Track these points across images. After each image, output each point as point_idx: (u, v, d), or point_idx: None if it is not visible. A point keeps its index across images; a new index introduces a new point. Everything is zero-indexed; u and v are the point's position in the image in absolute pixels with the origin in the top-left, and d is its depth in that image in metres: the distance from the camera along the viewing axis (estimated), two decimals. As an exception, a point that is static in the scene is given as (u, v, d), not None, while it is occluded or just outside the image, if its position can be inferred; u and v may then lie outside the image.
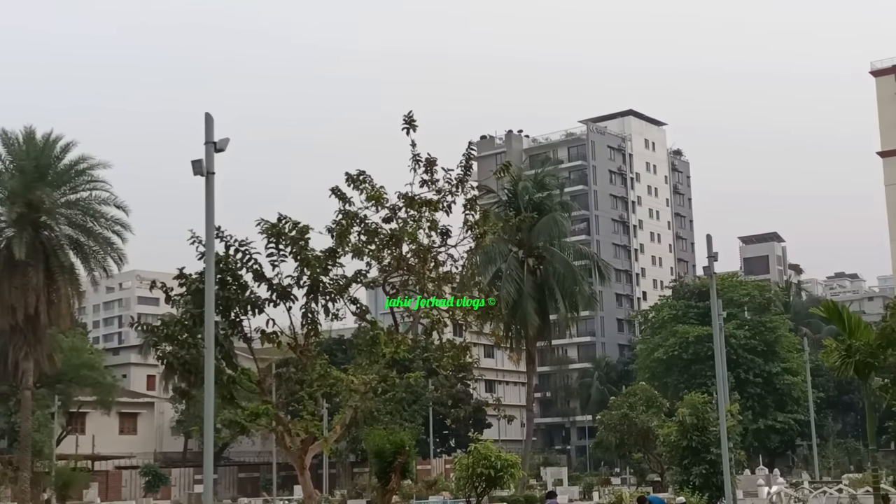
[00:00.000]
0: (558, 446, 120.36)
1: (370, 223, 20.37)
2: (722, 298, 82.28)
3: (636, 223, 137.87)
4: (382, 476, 21.72)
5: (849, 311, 25.11)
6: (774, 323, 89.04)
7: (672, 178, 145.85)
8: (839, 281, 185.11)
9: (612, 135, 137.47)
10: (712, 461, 38.01)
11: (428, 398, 71.16)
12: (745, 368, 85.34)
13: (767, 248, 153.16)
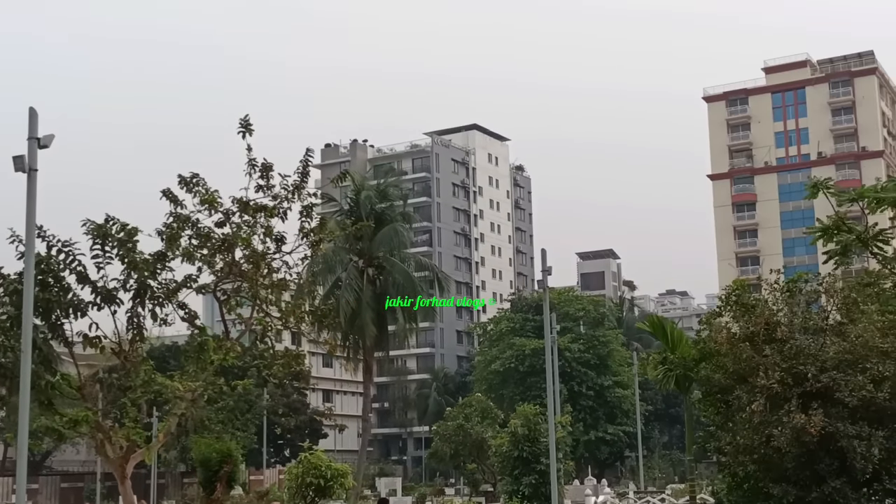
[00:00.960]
0: (395, 457, 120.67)
1: (202, 227, 19.98)
2: (558, 312, 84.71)
3: (478, 236, 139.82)
4: (208, 485, 21.30)
5: (672, 326, 26.12)
6: (607, 337, 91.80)
7: (514, 192, 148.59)
8: (670, 298, 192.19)
9: (457, 148, 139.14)
10: (542, 471, 38.86)
11: (262, 407, 70.23)
12: (578, 381, 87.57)
13: (603, 264, 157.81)
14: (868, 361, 17.16)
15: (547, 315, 38.43)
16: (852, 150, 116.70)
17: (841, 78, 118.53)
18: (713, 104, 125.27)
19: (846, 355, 17.32)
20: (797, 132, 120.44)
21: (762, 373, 17.64)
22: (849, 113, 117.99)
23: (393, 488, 62.04)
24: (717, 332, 19.79)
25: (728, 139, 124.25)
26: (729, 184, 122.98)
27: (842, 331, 18.14)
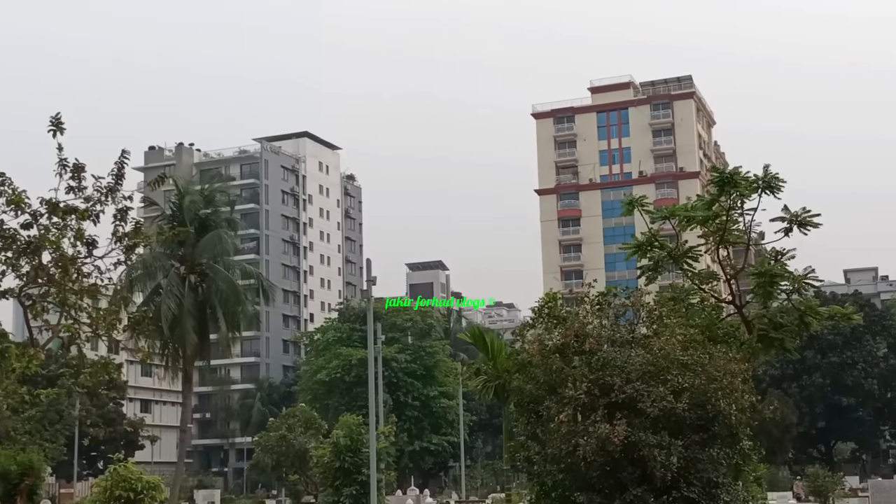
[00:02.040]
0: (216, 468, 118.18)
1: (7, 229, 19.16)
2: (385, 323, 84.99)
3: (307, 245, 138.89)
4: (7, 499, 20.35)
5: (493, 337, 26.62)
6: (434, 348, 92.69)
7: (344, 202, 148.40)
8: (497, 310, 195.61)
9: (287, 155, 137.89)
10: (363, 482, 38.83)
11: (73, 417, 67.56)
12: (404, 391, 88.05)
13: (432, 275, 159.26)
14: (669, 373, 17.96)
15: (371, 325, 38.56)
16: (671, 170, 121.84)
17: (661, 100, 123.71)
18: (541, 121, 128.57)
19: (650, 367, 18.09)
20: (620, 151, 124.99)
21: (571, 384, 18.23)
22: (668, 134, 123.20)
23: (212, 501, 60.79)
24: (530, 343, 20.35)
25: (555, 155, 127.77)
26: (555, 199, 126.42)
27: (647, 343, 18.97)
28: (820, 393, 75.80)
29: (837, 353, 76.66)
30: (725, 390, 17.81)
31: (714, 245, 23.72)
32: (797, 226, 22.61)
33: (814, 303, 24.25)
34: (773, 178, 22.52)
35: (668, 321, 20.20)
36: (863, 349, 77.68)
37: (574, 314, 20.35)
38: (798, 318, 23.61)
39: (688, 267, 24.03)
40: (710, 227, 23.55)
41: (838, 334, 75.49)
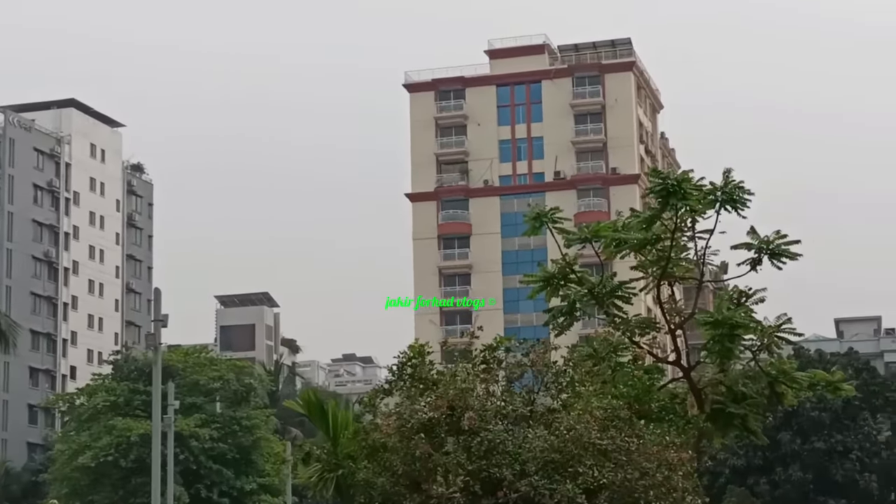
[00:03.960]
0: None
1: None
2: (182, 382, 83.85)
3: (69, 265, 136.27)
4: None
5: (335, 406, 26.45)
6: (254, 420, 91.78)
7: (127, 203, 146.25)
8: (349, 365, 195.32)
9: (44, 132, 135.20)
10: None
11: None
12: (208, 483, 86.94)
13: (255, 313, 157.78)
14: (581, 464, 18.10)
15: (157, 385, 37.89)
16: (599, 172, 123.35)
17: (588, 73, 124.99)
18: (418, 95, 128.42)
19: (554, 454, 18.18)
20: (529, 142, 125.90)
21: (441, 477, 18.19)
22: (597, 121, 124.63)
23: None
24: (385, 417, 20.25)
25: (436, 145, 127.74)
26: (435, 207, 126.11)
27: (551, 421, 19.03)
28: (799, 491, 77.62)
29: (824, 436, 78.65)
30: (660, 489, 18.06)
31: (654, 280, 23.99)
32: (768, 256, 23.05)
33: (790, 365, 24.74)
34: (736, 188, 22.90)
35: (583, 389, 20.34)
36: (858, 431, 79.84)
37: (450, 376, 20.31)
38: (768, 386, 24.05)
39: (616, 311, 24.25)
40: (648, 254, 23.82)
41: (825, 410, 77.37)
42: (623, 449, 18.13)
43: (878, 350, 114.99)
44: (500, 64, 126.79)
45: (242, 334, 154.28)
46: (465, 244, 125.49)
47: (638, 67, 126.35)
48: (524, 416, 19.01)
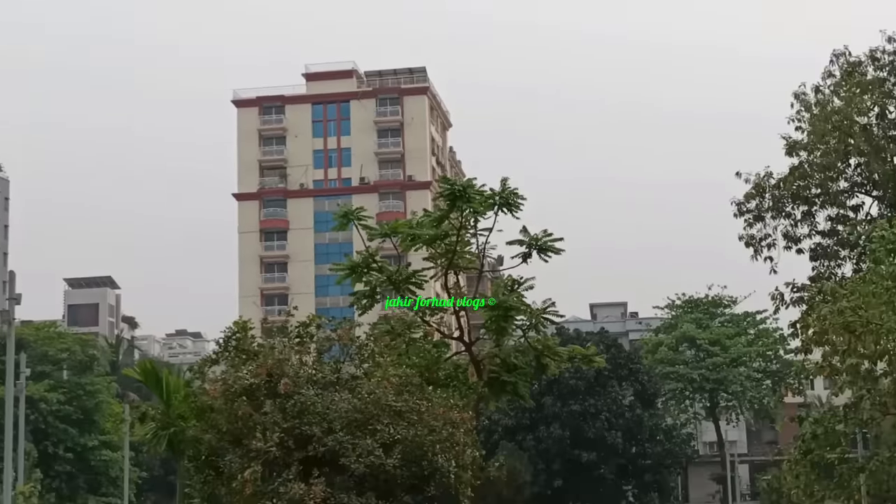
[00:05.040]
0: None
1: None
2: (34, 353, 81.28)
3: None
4: None
5: (168, 374, 26.03)
6: (97, 386, 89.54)
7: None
8: (181, 339, 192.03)
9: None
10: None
11: None
12: (54, 440, 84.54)
13: (98, 294, 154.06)
14: (379, 422, 18.15)
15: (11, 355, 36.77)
16: (398, 178, 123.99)
17: (389, 95, 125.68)
18: (245, 110, 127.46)
19: (357, 415, 18.20)
20: (339, 152, 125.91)
21: (260, 433, 18.05)
22: (396, 135, 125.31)
23: None
24: (212, 383, 20.01)
25: (260, 153, 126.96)
26: (258, 206, 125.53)
27: (355, 386, 19.07)
28: (559, 446, 78.91)
29: (579, 400, 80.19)
30: (445, 443, 18.20)
31: (442, 270, 24.21)
32: (537, 251, 23.47)
33: (553, 342, 25.24)
34: (511, 193, 23.27)
35: (382, 359, 20.41)
36: (607, 396, 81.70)
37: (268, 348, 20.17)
38: (535, 358, 24.49)
39: (410, 295, 24.40)
40: (438, 248, 24.02)
41: (581, 379, 78.90)
42: (415, 410, 18.25)
43: (624, 330, 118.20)
44: (316, 85, 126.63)
45: (87, 312, 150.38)
46: (283, 238, 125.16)
47: (431, 91, 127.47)
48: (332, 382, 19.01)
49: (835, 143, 46.15)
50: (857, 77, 45.95)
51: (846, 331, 24.55)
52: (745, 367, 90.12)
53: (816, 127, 46.33)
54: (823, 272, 46.64)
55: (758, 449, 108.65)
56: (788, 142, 47.06)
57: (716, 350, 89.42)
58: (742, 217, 47.68)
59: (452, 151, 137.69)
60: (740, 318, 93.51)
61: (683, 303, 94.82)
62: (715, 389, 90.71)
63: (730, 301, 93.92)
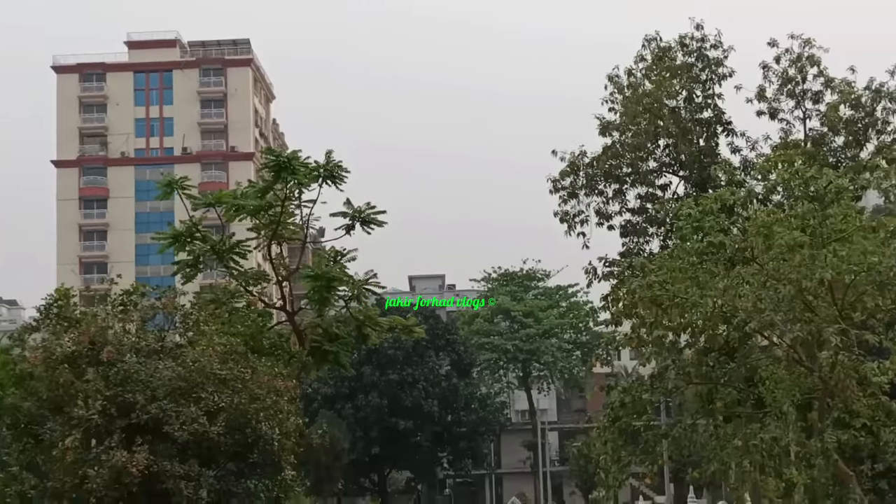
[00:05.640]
0: None
1: None
2: None
3: None
4: None
5: None
6: None
7: None
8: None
9: None
10: None
11: None
12: None
13: None
14: (204, 390, 17.98)
15: None
16: (221, 149, 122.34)
17: (213, 65, 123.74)
18: (65, 76, 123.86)
19: (181, 382, 17.99)
20: (161, 121, 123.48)
21: (82, 401, 17.68)
22: (220, 106, 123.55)
23: None
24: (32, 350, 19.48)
25: (80, 120, 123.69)
26: (77, 174, 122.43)
27: (179, 354, 18.84)
28: (377, 415, 79.30)
29: (398, 369, 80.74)
30: (269, 411, 18.17)
31: (266, 240, 24.11)
32: (360, 223, 23.58)
33: (374, 312, 25.42)
34: (336, 166, 23.30)
35: (207, 328, 20.24)
36: (425, 366, 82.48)
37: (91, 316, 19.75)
38: (356, 328, 24.65)
39: (234, 265, 24.24)
40: (262, 218, 23.91)
41: (399, 349, 79.46)
42: (239, 378, 18.15)
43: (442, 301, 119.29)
44: (138, 54, 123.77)
45: None
46: (104, 206, 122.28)
47: (255, 63, 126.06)
48: (156, 350, 18.74)
49: (645, 124, 47.41)
50: (666, 62, 47.25)
51: (653, 304, 25.35)
52: (556, 338, 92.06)
53: (628, 109, 47.50)
54: (633, 248, 47.96)
55: (567, 417, 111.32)
56: (602, 122, 48.11)
57: (529, 322, 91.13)
58: (557, 194, 48.64)
59: (276, 124, 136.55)
60: (553, 291, 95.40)
61: (499, 276, 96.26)
62: (528, 360, 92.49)
63: (543, 275, 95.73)
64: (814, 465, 24.18)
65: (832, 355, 22.37)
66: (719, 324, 24.89)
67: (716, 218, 25.48)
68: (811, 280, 22.85)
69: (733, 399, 25.79)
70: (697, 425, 27.05)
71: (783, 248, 23.06)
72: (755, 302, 23.27)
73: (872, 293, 23.60)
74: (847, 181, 25.28)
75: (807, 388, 24.33)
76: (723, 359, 25.64)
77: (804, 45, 44.03)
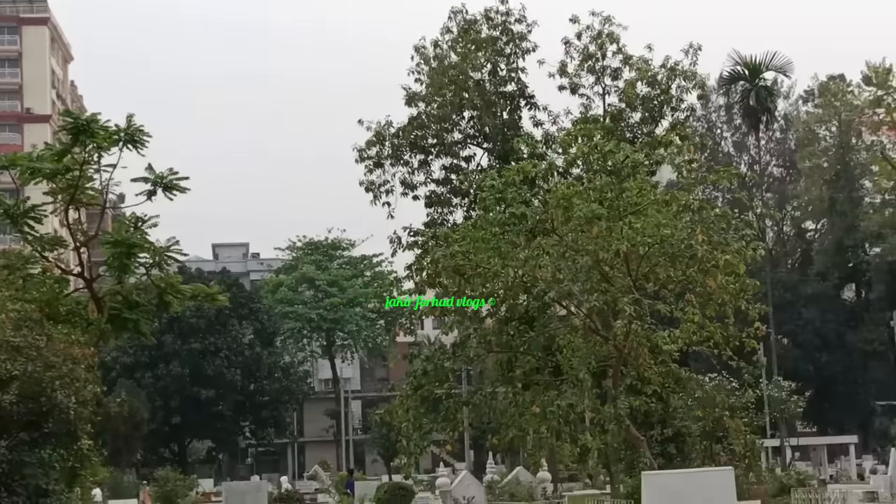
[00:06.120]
0: None
1: None
2: None
3: None
4: None
5: None
6: None
7: None
8: None
9: None
10: None
11: None
12: None
13: None
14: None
15: None
16: (15, 110, 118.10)
17: (7, 23, 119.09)
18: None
19: (-30, 351, 17.40)
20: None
21: None
22: (14, 66, 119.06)
23: None
24: None
25: None
26: None
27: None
28: (178, 384, 78.25)
29: (200, 338, 79.77)
30: (65, 379, 17.72)
31: (63, 205, 23.49)
32: (162, 189, 23.18)
33: (176, 280, 25.05)
34: (137, 130, 22.84)
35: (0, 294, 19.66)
36: (228, 335, 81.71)
37: None
38: (157, 296, 24.25)
39: (29, 230, 23.55)
40: (59, 182, 23.27)
41: (202, 317, 78.56)
42: (33, 346, 17.61)
43: (245, 270, 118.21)
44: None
45: None
46: None
47: (52, 22, 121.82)
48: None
49: (451, 96, 47.98)
50: (472, 35, 47.86)
51: (456, 273, 25.76)
52: (361, 307, 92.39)
53: (434, 80, 47.98)
54: (437, 218, 48.59)
55: (371, 386, 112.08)
56: (408, 93, 48.47)
57: (334, 291, 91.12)
58: (363, 163, 48.80)
59: (74, 86, 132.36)
60: (358, 260, 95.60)
61: (304, 245, 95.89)
62: (332, 329, 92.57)
63: (349, 244, 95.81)
64: (607, 431, 25.04)
65: (626, 324, 23.17)
66: (520, 293, 25.48)
67: (518, 189, 25.99)
68: (608, 251, 23.59)
69: (532, 367, 26.45)
70: (497, 393, 27.68)
71: (581, 220, 23.72)
72: (554, 272, 23.90)
73: (664, 265, 24.53)
74: (643, 156, 26.10)
75: (602, 357, 25.14)
76: (523, 328, 26.26)
77: (604, 23, 45.27)
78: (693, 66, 44.74)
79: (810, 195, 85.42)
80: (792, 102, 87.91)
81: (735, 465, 24.22)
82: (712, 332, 24.52)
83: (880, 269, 78.88)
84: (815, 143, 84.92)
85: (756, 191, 78.33)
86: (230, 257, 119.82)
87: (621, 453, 27.07)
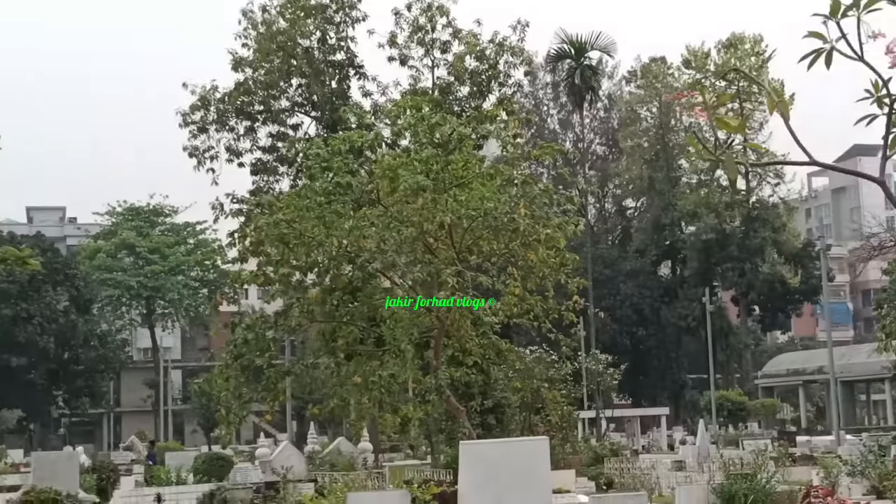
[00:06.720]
0: None
1: None
2: None
3: None
4: None
5: None
6: None
7: None
8: None
9: None
10: None
11: None
12: None
13: None
14: None
15: None
16: None
17: None
18: None
19: None
20: None
21: None
22: None
23: None
24: None
25: None
26: None
27: None
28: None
29: (11, 304, 77.43)
30: None
31: None
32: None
33: (-14, 242, 24.22)
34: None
35: None
36: (41, 301, 79.44)
37: None
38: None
39: None
40: None
41: (13, 282, 76.19)
42: None
43: (62, 235, 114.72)
44: None
45: None
46: None
47: None
48: None
49: (279, 62, 47.48)
50: (301, 1, 47.39)
51: (280, 242, 25.55)
52: (183, 275, 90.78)
53: (262, 45, 47.38)
54: (263, 186, 48.11)
55: (192, 355, 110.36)
56: (235, 57, 47.74)
57: (155, 258, 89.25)
58: (187, 128, 47.90)
59: None
60: (181, 227, 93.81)
61: (125, 210, 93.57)
62: (152, 297, 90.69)
63: (171, 210, 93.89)
64: (429, 402, 25.25)
65: (448, 296, 23.36)
66: (344, 263, 25.40)
67: (344, 159, 25.87)
68: (432, 223, 23.72)
69: (355, 337, 26.45)
70: (319, 363, 27.56)
71: (407, 191, 23.77)
72: (379, 243, 23.92)
73: (488, 237, 24.82)
74: (470, 130, 26.29)
75: (425, 327, 25.30)
76: (346, 298, 26.20)
77: (435, -5, 45.39)
78: (521, 43, 45.33)
79: (631, 174, 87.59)
80: (616, 82, 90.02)
81: (552, 435, 24.75)
82: (533, 305, 24.94)
83: (695, 246, 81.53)
84: (637, 122, 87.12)
85: (579, 167, 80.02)
86: (45, 221, 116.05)
87: (442, 424, 27.38)
